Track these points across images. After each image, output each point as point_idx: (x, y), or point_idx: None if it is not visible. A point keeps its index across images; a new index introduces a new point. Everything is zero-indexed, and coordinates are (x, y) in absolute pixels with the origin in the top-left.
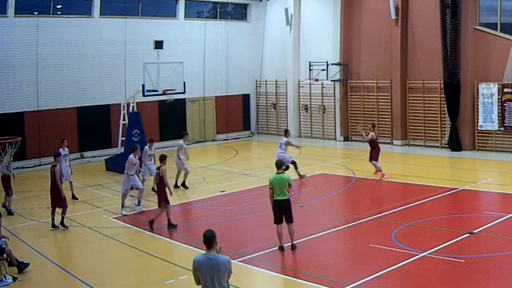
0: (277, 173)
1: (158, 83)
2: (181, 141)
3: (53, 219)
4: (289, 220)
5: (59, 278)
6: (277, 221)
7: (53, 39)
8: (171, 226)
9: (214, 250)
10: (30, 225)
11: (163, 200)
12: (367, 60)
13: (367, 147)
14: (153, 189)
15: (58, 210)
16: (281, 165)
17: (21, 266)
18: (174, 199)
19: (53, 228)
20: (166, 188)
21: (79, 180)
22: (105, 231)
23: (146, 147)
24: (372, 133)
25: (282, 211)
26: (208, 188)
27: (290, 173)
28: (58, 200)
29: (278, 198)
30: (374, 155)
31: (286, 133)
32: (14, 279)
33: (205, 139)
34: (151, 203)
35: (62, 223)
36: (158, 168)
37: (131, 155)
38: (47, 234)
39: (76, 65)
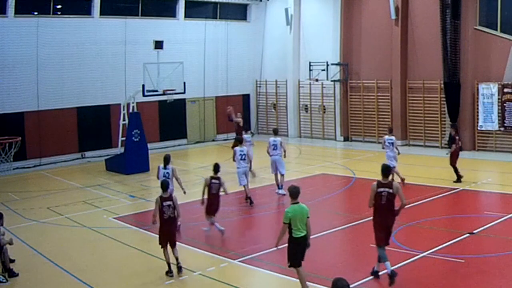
0: (295, 203)
1: (158, 83)
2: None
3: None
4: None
5: (59, 278)
6: (298, 263)
7: (53, 39)
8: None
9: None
10: (30, 225)
11: None
12: (367, 60)
13: (367, 147)
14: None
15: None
16: (298, 193)
17: (11, 274)
18: None
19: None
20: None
21: (79, 180)
22: (105, 231)
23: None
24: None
25: (303, 250)
26: None
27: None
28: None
29: (300, 235)
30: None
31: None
32: (9, 276)
33: (205, 139)
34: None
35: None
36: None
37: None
38: (47, 234)
39: (76, 65)
